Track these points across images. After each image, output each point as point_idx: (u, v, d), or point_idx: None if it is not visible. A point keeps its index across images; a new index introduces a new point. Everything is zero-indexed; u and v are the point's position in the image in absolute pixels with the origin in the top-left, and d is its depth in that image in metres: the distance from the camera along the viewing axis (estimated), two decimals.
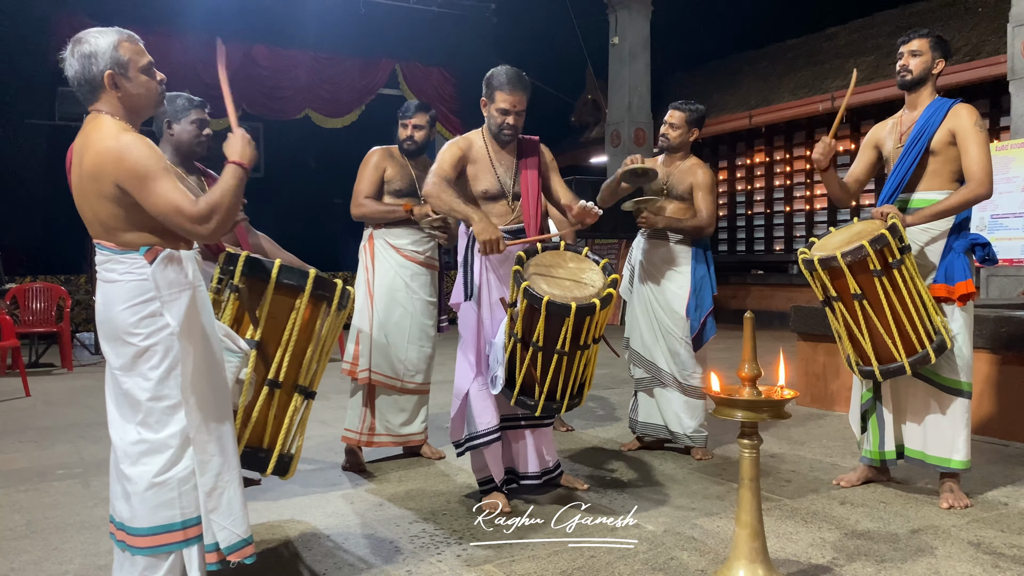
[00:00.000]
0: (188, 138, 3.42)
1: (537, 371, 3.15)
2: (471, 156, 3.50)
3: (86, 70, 2.20)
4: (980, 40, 9.69)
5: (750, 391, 2.43)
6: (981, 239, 3.46)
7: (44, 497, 3.67)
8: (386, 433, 4.14)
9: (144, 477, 2.20)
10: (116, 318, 2.20)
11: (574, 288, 3.11)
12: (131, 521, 2.22)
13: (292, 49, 11.79)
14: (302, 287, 2.63)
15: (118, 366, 2.24)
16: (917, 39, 3.53)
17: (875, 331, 3.29)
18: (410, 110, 4.20)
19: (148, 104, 2.30)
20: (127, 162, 2.12)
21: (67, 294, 8.33)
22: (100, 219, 2.20)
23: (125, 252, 2.20)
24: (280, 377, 2.64)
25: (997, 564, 2.75)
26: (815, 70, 11.82)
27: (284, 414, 2.67)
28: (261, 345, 2.60)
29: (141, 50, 2.28)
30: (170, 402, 2.21)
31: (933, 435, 3.45)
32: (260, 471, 2.66)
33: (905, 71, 3.55)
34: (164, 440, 2.21)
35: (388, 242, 4.16)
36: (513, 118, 3.44)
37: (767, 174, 12.42)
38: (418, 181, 4.16)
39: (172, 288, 2.19)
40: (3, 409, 5.89)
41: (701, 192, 4.23)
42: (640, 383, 4.37)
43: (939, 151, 3.44)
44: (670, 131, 4.27)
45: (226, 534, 2.24)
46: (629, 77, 12.68)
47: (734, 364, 2.59)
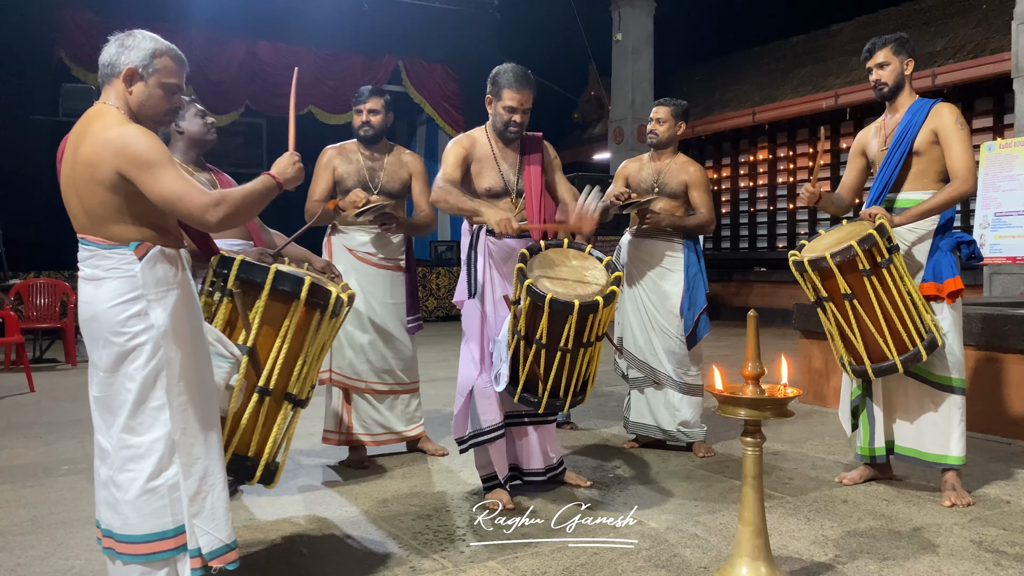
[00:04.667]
0: (197, 129, 3.51)
1: (540, 368, 3.15)
2: (475, 154, 3.49)
3: (117, 56, 2.21)
4: (984, 37, 9.67)
5: (753, 389, 2.44)
6: (966, 237, 3.51)
7: (49, 493, 3.68)
8: (364, 432, 4.11)
9: (134, 484, 2.15)
10: (101, 316, 2.14)
11: (577, 286, 3.12)
12: (122, 529, 2.17)
13: (295, 45, 11.79)
14: (297, 294, 2.57)
15: (103, 367, 2.18)
16: (880, 51, 3.57)
17: (866, 330, 3.32)
18: (363, 95, 4.11)
19: (151, 116, 2.27)
20: (131, 149, 2.09)
21: (71, 290, 8.33)
22: (89, 209, 2.15)
23: (112, 247, 2.15)
24: (271, 385, 2.58)
25: (999, 562, 2.75)
26: (819, 67, 11.80)
27: (272, 423, 2.61)
28: (253, 351, 2.54)
29: (178, 72, 2.28)
30: (155, 403, 2.16)
31: (928, 432, 3.48)
32: (247, 479, 2.61)
33: (880, 85, 3.59)
34: (150, 444, 2.16)
35: (343, 244, 4.10)
36: (519, 116, 3.45)
37: (770, 171, 12.41)
38: (372, 173, 4.09)
39: (160, 287, 2.14)
40: (8, 405, 5.91)
41: (697, 190, 4.24)
42: (634, 382, 4.37)
43: (923, 151, 3.48)
44: (658, 126, 4.28)
45: (208, 539, 2.19)
46: (632, 74, 12.68)
47: (737, 362, 2.59)
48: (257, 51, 11.65)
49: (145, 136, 2.13)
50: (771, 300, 11.30)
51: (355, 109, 4.12)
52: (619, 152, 12.70)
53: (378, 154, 4.16)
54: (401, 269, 4.21)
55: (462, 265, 3.49)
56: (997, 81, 9.09)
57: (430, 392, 5.68)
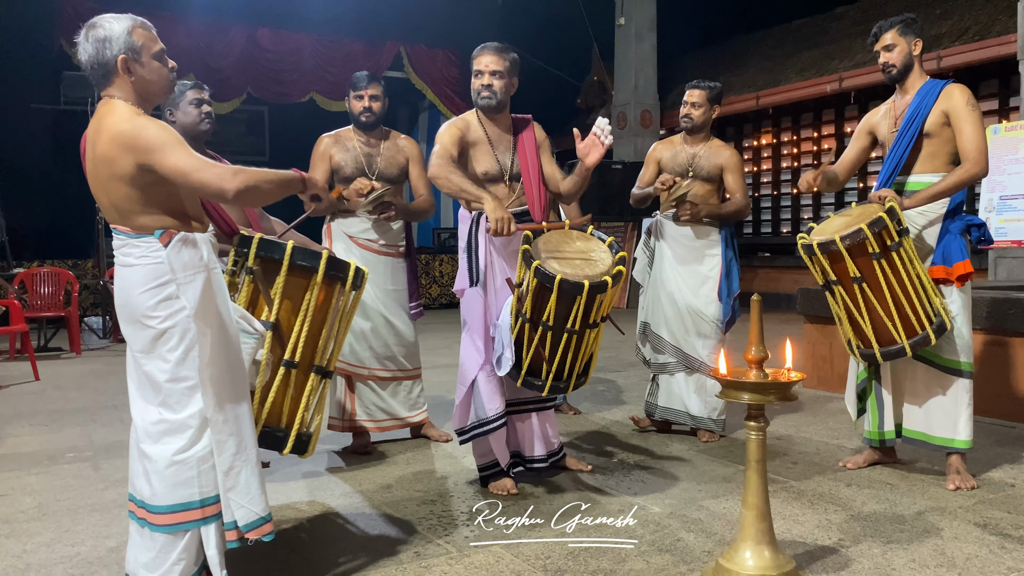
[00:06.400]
0: (191, 120, 3.51)
1: (546, 351, 3.14)
2: (469, 137, 3.46)
3: (100, 54, 2.23)
4: (990, 19, 9.59)
5: (757, 373, 2.43)
6: (977, 220, 3.47)
7: (55, 480, 3.70)
8: (368, 419, 4.11)
9: (164, 455, 2.24)
10: (134, 302, 2.23)
11: (584, 266, 3.12)
12: (151, 499, 2.26)
13: (296, 32, 11.76)
14: (315, 268, 2.64)
15: (138, 349, 2.28)
16: (886, 33, 3.52)
17: (875, 314, 3.31)
18: (363, 81, 4.08)
19: (160, 90, 2.34)
20: (144, 139, 2.16)
21: (75, 278, 8.35)
22: (114, 203, 2.23)
23: (140, 236, 2.23)
24: (296, 357, 2.65)
25: (1003, 545, 2.76)
26: (823, 50, 11.72)
27: (301, 394, 2.69)
28: (277, 326, 2.62)
29: (154, 37, 2.31)
30: (189, 383, 2.25)
31: (936, 416, 3.47)
32: (279, 450, 2.68)
33: (888, 67, 3.54)
34: (184, 420, 2.25)
35: (343, 231, 4.09)
36: (487, 78, 3.39)
37: (774, 156, 12.36)
38: (369, 160, 4.08)
39: (187, 271, 2.22)
40: (13, 393, 5.93)
41: (732, 174, 4.22)
42: (664, 368, 4.31)
43: (934, 133, 3.44)
44: (693, 111, 4.22)
45: (244, 512, 2.28)
46: (635, 58, 12.61)
47: (741, 346, 2.59)
48: (258, 38, 11.60)
49: (154, 124, 2.20)
50: (775, 285, 11.28)
51: (354, 95, 4.09)
52: (622, 137, 12.65)
53: (375, 140, 4.14)
54: (401, 255, 4.20)
55: (460, 253, 3.45)
56: (1002, 63, 9.03)
57: (433, 379, 5.69)
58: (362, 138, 4.13)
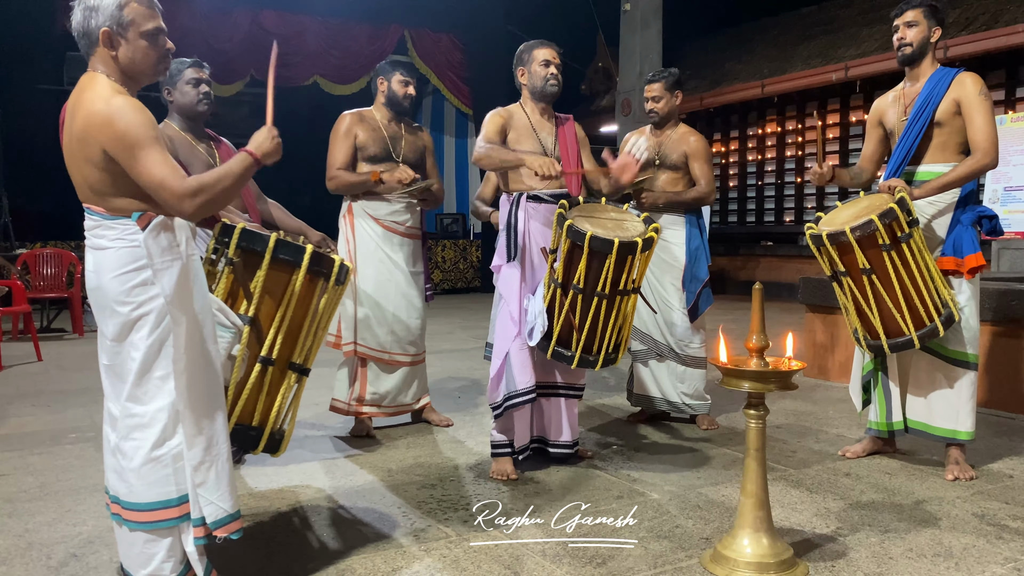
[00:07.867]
0: (188, 100, 3.50)
1: (576, 317, 3.17)
2: (512, 124, 3.55)
3: (86, 22, 2.12)
4: (998, 9, 9.53)
5: (757, 362, 2.44)
6: (988, 211, 3.43)
7: (57, 460, 3.72)
8: (374, 404, 4.12)
9: (138, 452, 2.15)
10: (106, 286, 2.13)
11: (616, 229, 3.17)
12: (128, 496, 2.18)
13: (301, 14, 11.69)
14: (298, 263, 2.54)
15: (110, 336, 2.18)
16: (911, 10, 3.47)
17: (884, 305, 3.29)
18: (410, 68, 4.23)
19: (144, 71, 2.19)
20: (116, 128, 2.03)
21: (77, 260, 8.36)
22: (89, 183, 2.12)
23: (116, 218, 2.12)
24: (273, 354, 2.56)
25: (1001, 535, 2.76)
26: (829, 39, 11.66)
27: (276, 392, 2.61)
28: (255, 321, 2.52)
29: (151, 15, 2.15)
30: (160, 373, 2.15)
31: (938, 407, 3.46)
32: (251, 449, 2.60)
33: (904, 44, 3.48)
34: (153, 414, 2.15)
35: (367, 212, 4.08)
36: (555, 68, 3.55)
37: (779, 144, 12.31)
38: (394, 142, 4.11)
39: (164, 256, 2.11)
40: (16, 373, 5.95)
41: (698, 161, 4.22)
42: (636, 355, 4.36)
43: (944, 122, 3.41)
44: (655, 104, 4.26)
45: (212, 509, 2.18)
46: (640, 45, 12.52)
47: (742, 335, 2.59)
48: (262, 20, 11.53)
49: (131, 112, 2.06)
50: (777, 274, 11.26)
51: (400, 79, 4.12)
52: (627, 124, 12.58)
53: (397, 124, 4.19)
54: (419, 237, 4.25)
55: (500, 232, 3.53)
56: (1010, 53, 8.98)
57: (436, 364, 5.70)
58: (386, 120, 4.16)
